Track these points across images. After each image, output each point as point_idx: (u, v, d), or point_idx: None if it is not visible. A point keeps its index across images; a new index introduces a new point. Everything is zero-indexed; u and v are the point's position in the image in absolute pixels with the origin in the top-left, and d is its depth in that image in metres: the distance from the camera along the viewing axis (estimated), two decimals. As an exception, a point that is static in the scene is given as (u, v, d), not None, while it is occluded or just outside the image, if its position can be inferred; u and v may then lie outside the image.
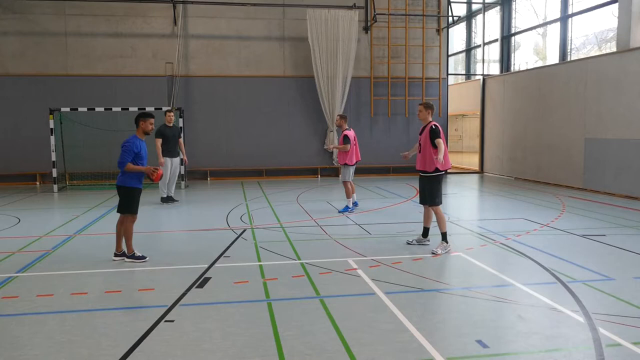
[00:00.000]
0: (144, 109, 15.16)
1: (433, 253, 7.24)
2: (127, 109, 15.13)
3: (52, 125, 14.52)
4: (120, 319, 4.91)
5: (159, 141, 11.77)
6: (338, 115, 11.65)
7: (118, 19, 16.82)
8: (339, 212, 10.76)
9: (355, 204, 11.01)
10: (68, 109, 14.90)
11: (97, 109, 15.01)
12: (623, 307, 5.11)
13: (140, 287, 5.86)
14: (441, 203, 7.59)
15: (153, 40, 17.06)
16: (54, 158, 14.66)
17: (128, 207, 7.14)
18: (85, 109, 14.92)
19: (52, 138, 14.56)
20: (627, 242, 7.89)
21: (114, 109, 15.15)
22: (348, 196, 10.91)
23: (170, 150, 11.94)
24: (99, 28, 16.75)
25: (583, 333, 4.49)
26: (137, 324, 4.74)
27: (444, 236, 7.44)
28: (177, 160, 12.25)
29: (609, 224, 9.38)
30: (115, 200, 12.72)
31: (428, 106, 7.70)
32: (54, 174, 14.72)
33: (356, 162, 10.99)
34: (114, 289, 5.78)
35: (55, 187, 14.69)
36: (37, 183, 16.66)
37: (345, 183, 10.94)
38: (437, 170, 7.40)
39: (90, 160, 16.13)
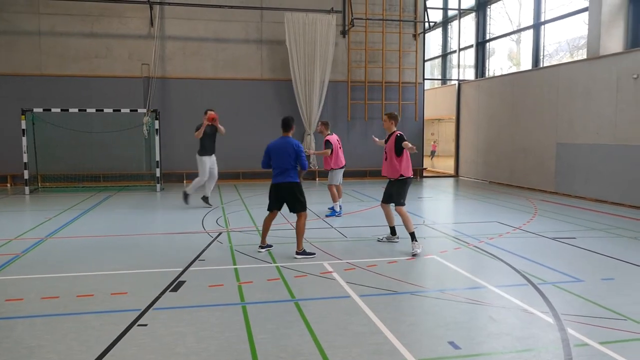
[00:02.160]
0: (119, 110, 15.04)
1: (414, 255, 7.37)
2: (102, 110, 14.97)
3: (24, 126, 14.26)
4: (92, 323, 4.84)
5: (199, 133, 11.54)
6: (320, 121, 11.67)
7: (93, 19, 16.62)
8: (326, 216, 10.77)
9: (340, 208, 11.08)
10: (41, 110, 14.66)
11: (71, 110, 14.80)
12: (591, 308, 5.23)
13: (113, 290, 5.79)
14: (404, 205, 7.81)
15: (129, 41, 16.89)
16: (25, 159, 14.40)
17: (304, 203, 7.41)
18: (58, 110, 14.70)
19: (24, 139, 14.30)
20: (596, 244, 8.08)
21: (88, 110, 14.96)
22: (334, 200, 10.97)
23: (208, 148, 11.76)
24: (73, 28, 16.52)
25: (552, 333, 4.58)
26: (110, 328, 4.69)
27: (412, 236, 7.59)
28: (214, 158, 12.01)
29: (579, 227, 9.58)
30: (88, 202, 12.62)
31: (391, 117, 8.02)
32: (26, 176, 14.45)
33: (343, 166, 11.07)
34: (86, 293, 5.70)
35: (27, 189, 14.42)
36: (8, 185, 16.32)
37: (330, 187, 11.00)
38: (401, 176, 7.78)
39: (63, 161, 15.92)
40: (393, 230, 8.25)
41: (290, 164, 7.43)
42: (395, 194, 7.84)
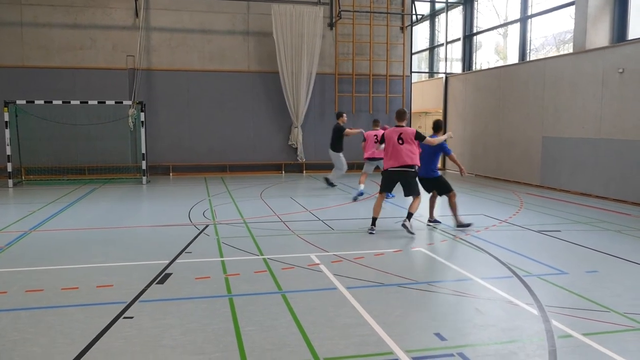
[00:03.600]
0: (104, 102, 14.89)
1: (370, 231, 8.35)
2: (87, 102, 14.80)
3: (7, 118, 14.08)
4: (77, 316, 4.80)
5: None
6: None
7: (77, 10, 16.39)
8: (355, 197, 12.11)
9: (360, 193, 12.22)
10: (24, 102, 14.46)
11: (55, 102, 14.62)
12: (575, 300, 5.29)
13: (99, 283, 5.74)
14: (382, 192, 8.57)
15: (114, 32, 16.69)
16: (9, 152, 14.21)
17: (449, 186, 8.73)
18: (42, 102, 14.51)
19: (7, 131, 14.12)
20: (580, 237, 8.16)
21: (72, 102, 14.78)
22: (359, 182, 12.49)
23: (342, 146, 13.29)
24: (56, 19, 16.29)
25: (537, 325, 4.62)
26: (95, 320, 4.65)
27: (372, 220, 8.52)
28: None
29: (563, 220, 9.67)
30: (72, 195, 12.50)
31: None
32: (9, 169, 14.27)
33: (371, 159, 12.24)
34: (71, 286, 5.65)
35: (10, 181, 14.24)
36: (-9, 177, 16.12)
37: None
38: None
39: (47, 154, 15.74)
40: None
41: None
42: None
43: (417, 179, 8.45)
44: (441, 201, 9.63)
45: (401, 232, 8.53)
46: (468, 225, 8.67)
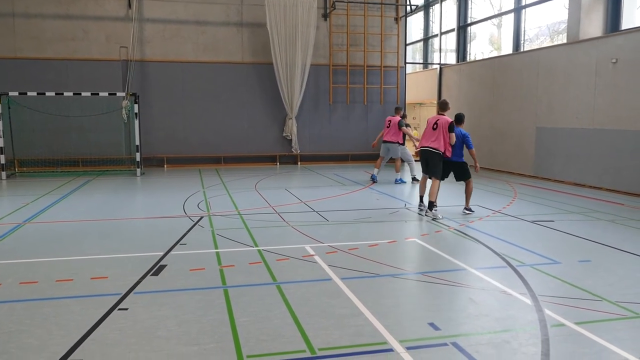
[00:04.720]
0: (97, 94, 14.81)
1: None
2: (80, 93, 14.72)
3: (-1, 110, 14.01)
4: (72, 308, 4.80)
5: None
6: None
7: (69, 1, 16.22)
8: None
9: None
10: (17, 93, 14.37)
11: (47, 94, 14.53)
12: (568, 289, 5.33)
13: (93, 275, 5.74)
14: (423, 172, 9.56)
15: (106, 23, 16.56)
16: (1, 144, 14.12)
17: (469, 173, 9.37)
18: (35, 94, 14.42)
19: (0, 123, 14.03)
20: (573, 227, 8.21)
21: (65, 93, 14.70)
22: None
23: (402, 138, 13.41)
24: (48, 9, 16.13)
25: (530, 314, 4.66)
26: (90, 312, 4.66)
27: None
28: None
29: (557, 210, 9.72)
30: (66, 187, 12.46)
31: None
32: (2, 161, 14.18)
33: (384, 142, 13.32)
34: (66, 278, 5.64)
35: (4, 174, 14.17)
36: (-16, 170, 16.02)
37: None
38: None
39: (41, 146, 15.66)
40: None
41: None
42: None
43: (440, 163, 9.09)
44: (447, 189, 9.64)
45: (395, 223, 8.57)
46: (472, 211, 9.28)
